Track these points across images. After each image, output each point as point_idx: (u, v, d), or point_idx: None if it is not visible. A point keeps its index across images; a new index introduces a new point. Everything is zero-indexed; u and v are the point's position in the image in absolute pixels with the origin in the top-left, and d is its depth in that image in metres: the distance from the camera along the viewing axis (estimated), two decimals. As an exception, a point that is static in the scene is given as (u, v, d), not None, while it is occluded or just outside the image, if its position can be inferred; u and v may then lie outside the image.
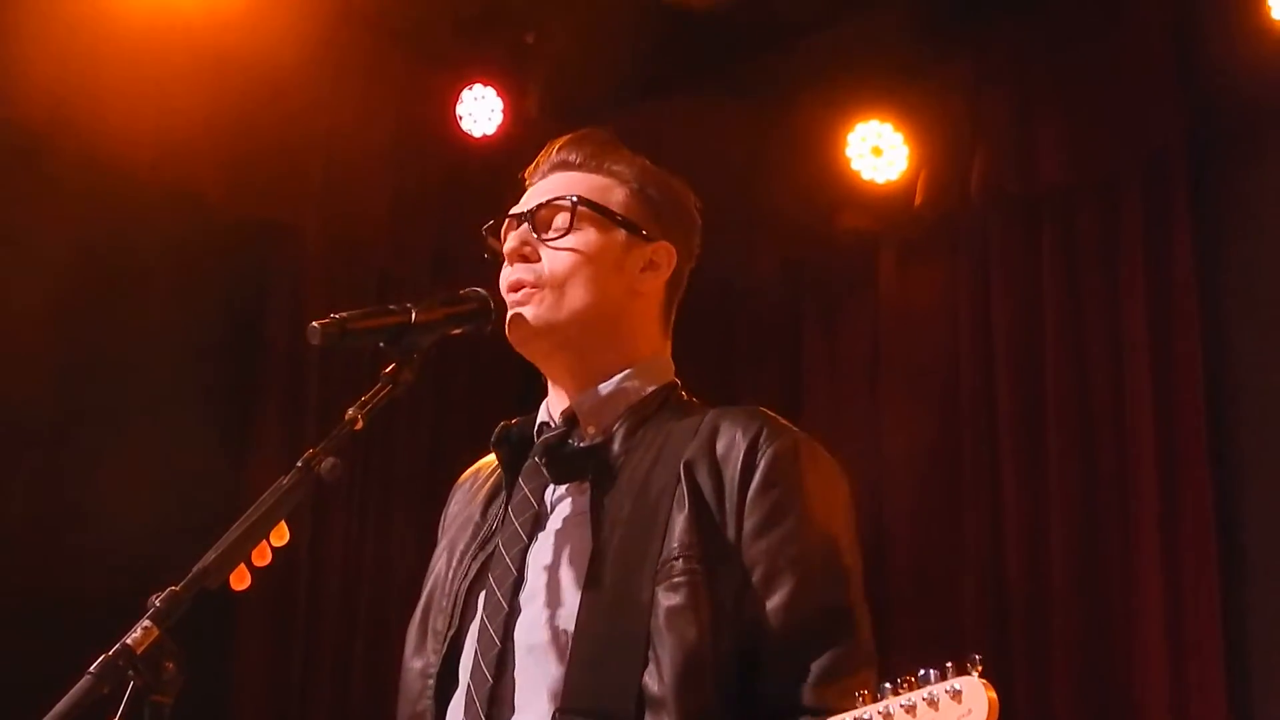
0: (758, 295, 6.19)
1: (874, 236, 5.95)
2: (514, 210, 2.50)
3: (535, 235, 2.45)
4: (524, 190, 2.55)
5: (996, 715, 1.86)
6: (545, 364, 2.49)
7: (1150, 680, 5.06)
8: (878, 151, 5.73)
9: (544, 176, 2.53)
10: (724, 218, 5.65)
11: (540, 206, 2.46)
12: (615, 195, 2.48)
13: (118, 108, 5.02)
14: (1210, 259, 5.29)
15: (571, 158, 2.52)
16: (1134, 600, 5.15)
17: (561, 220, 2.44)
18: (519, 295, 2.41)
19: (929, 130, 5.72)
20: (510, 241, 2.46)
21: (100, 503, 5.04)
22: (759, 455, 2.29)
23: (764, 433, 2.32)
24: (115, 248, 5.16)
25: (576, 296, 2.41)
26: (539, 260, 2.43)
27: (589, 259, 2.42)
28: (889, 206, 5.80)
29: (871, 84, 5.74)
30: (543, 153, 2.56)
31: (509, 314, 2.42)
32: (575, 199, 2.44)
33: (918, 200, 5.72)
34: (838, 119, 5.78)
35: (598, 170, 2.51)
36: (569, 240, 2.43)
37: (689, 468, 2.30)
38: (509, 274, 2.44)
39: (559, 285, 2.41)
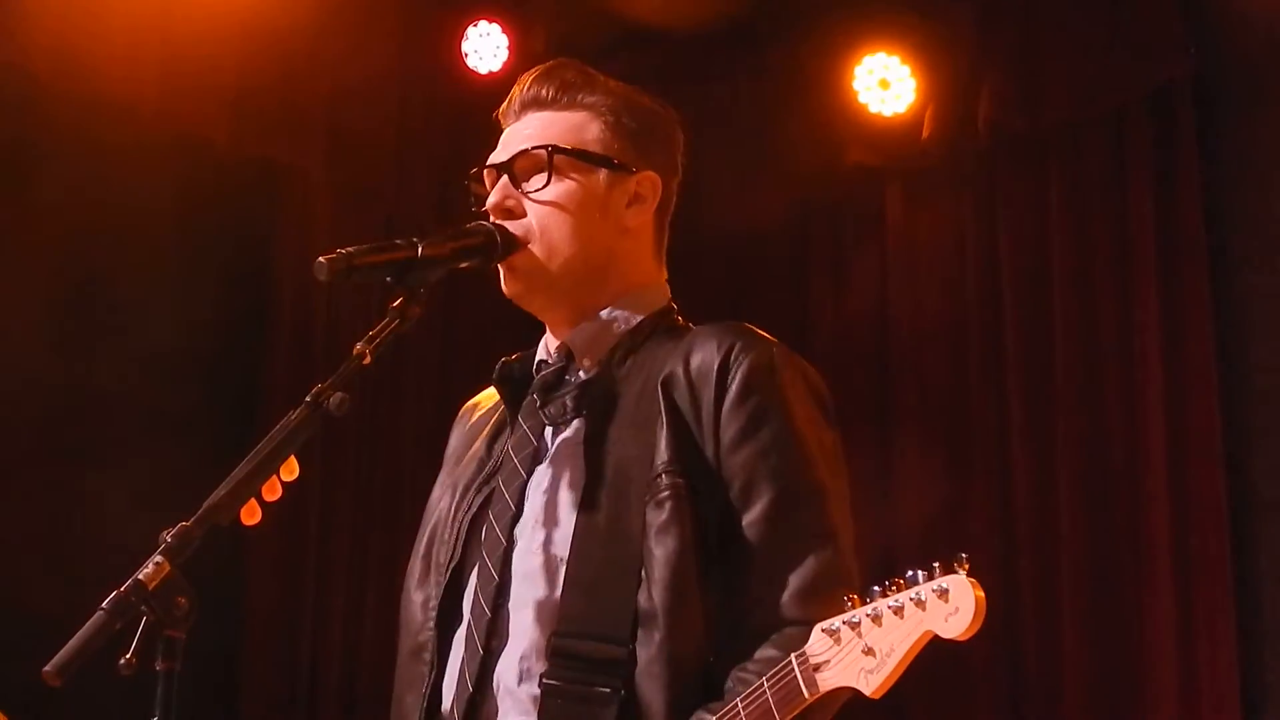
0: (765, 231, 6.16)
1: (881, 172, 5.93)
2: (492, 160, 2.47)
3: (516, 187, 2.42)
4: (500, 132, 2.51)
5: (984, 611, 1.87)
6: (543, 314, 2.49)
7: (1159, 640, 5.07)
8: (885, 84, 5.68)
9: (518, 117, 2.49)
10: (732, 153, 5.70)
11: (517, 156, 2.43)
12: (591, 131, 2.44)
13: (120, 52, 4.99)
14: (1218, 193, 5.26)
15: (543, 93, 2.47)
16: (1142, 537, 5.16)
17: (540, 171, 2.41)
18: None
19: (936, 64, 5.68)
20: (493, 196, 2.43)
21: (106, 446, 5.07)
22: (732, 368, 2.28)
23: (737, 345, 2.30)
24: (121, 191, 5.15)
25: (566, 249, 2.39)
26: (524, 214, 2.41)
27: (573, 209, 2.40)
28: (896, 140, 5.75)
29: (878, 17, 5.70)
30: (514, 89, 2.51)
31: (502, 273, 2.42)
32: (550, 148, 2.40)
33: (925, 134, 5.69)
34: (845, 52, 5.74)
35: (571, 105, 2.46)
36: (550, 192, 2.40)
37: (665, 386, 2.30)
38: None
39: (547, 240, 2.39)
